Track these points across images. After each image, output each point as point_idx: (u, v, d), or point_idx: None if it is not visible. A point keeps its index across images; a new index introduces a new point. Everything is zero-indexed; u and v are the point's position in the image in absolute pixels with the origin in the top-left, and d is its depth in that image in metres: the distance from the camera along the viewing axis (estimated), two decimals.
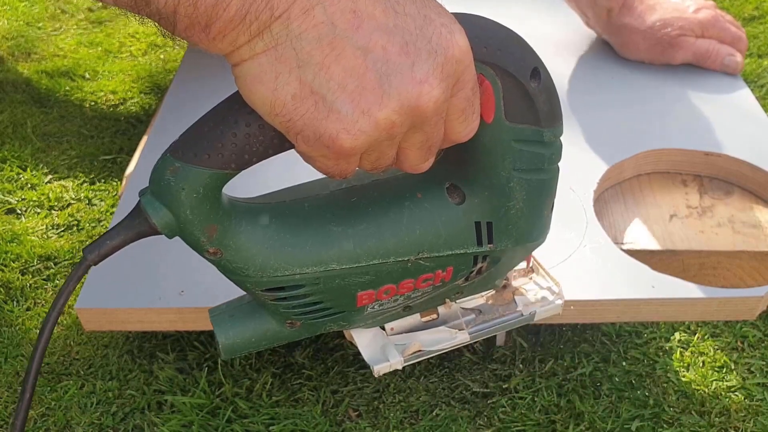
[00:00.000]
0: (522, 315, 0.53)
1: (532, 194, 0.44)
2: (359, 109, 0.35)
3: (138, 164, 0.73)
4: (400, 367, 0.50)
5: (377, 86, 0.35)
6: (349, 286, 0.44)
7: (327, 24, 0.33)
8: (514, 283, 0.54)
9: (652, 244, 0.65)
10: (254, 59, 0.35)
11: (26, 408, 0.42)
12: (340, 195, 0.45)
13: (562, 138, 0.44)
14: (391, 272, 0.45)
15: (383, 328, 0.51)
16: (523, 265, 0.54)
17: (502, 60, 0.39)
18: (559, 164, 0.45)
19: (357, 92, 0.34)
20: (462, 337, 0.51)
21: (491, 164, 0.43)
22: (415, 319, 0.52)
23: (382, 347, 0.50)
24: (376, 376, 0.50)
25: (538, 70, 0.41)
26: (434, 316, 0.52)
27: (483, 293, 0.53)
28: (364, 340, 0.50)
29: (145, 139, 0.82)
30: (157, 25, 0.36)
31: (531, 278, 0.55)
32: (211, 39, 0.34)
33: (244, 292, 0.47)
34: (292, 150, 0.39)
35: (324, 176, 0.44)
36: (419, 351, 0.50)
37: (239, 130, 0.37)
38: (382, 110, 0.35)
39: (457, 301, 0.52)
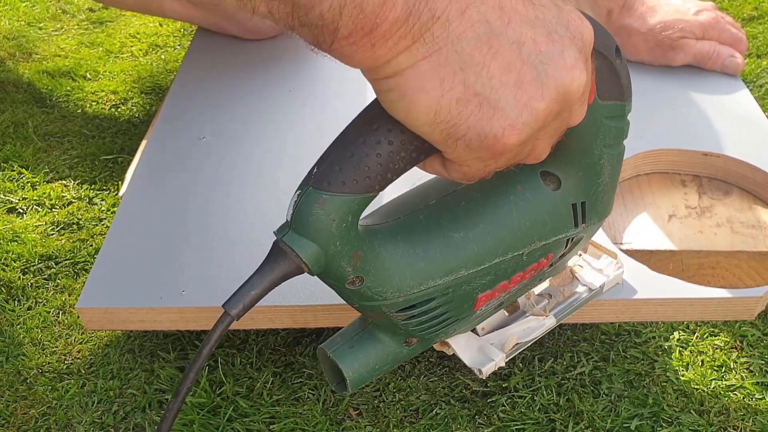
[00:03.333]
0: (591, 289, 0.54)
1: (614, 168, 0.46)
2: (521, 103, 0.35)
3: (139, 164, 0.73)
4: (503, 364, 0.51)
5: (535, 78, 0.35)
6: (472, 291, 0.45)
7: (482, 22, 0.34)
8: (569, 263, 0.56)
9: (651, 244, 0.65)
10: (415, 67, 0.34)
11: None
12: (449, 201, 0.45)
13: None
14: (507, 269, 0.45)
15: (473, 331, 0.52)
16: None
17: (597, 41, 0.40)
18: None
19: (516, 87, 0.35)
20: (549, 323, 0.52)
21: (586, 144, 0.44)
22: (500, 315, 0.53)
23: (479, 349, 0.51)
24: (484, 378, 0.50)
25: (618, 48, 0.42)
26: (515, 307, 0.53)
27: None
28: (460, 345, 0.51)
29: (146, 139, 0.82)
30: (309, 37, 0.34)
31: (580, 255, 0.56)
32: (371, 45, 0.33)
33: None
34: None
35: (414, 187, 0.45)
36: (516, 344, 0.51)
37: (383, 149, 0.37)
38: (543, 101, 0.35)
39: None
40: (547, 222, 0.45)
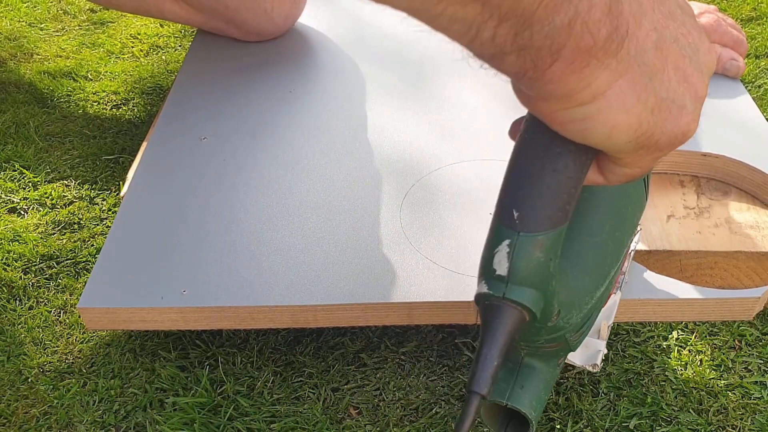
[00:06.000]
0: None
1: None
2: (692, 95, 0.36)
3: (140, 165, 0.73)
4: (606, 350, 0.51)
5: (695, 70, 0.36)
6: (610, 289, 0.45)
7: (653, 30, 0.34)
8: None
9: (650, 245, 0.65)
10: (614, 87, 0.33)
11: None
12: None
13: None
14: (623, 257, 0.46)
15: None
16: None
17: None
18: None
19: (685, 82, 0.36)
20: (618, 297, 0.53)
21: None
22: None
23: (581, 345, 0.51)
24: (598, 370, 0.51)
25: None
26: None
27: None
28: None
29: (147, 139, 0.83)
30: (520, 64, 0.31)
31: None
32: (584, 66, 0.31)
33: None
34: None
35: None
36: (608, 327, 0.52)
37: (570, 172, 0.36)
38: (704, 88, 0.37)
39: None
40: (637, 202, 0.46)
